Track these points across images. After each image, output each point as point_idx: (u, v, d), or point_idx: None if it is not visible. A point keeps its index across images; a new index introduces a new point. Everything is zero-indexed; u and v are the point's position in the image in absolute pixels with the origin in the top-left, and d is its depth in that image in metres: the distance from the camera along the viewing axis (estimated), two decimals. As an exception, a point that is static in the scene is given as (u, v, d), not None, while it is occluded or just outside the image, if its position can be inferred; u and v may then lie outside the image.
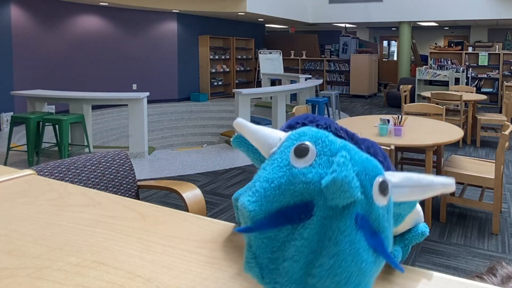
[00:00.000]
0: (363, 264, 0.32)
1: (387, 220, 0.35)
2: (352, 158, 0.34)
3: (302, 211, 0.32)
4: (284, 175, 0.34)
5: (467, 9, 10.01)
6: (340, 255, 0.31)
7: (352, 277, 0.31)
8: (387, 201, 0.35)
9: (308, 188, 0.32)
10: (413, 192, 0.38)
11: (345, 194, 0.31)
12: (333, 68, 12.46)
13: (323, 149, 0.35)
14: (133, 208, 0.63)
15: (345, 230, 0.31)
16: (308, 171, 0.33)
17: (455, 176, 3.14)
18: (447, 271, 2.56)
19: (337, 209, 0.32)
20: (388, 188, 0.35)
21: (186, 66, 10.19)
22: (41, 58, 7.62)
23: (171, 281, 0.44)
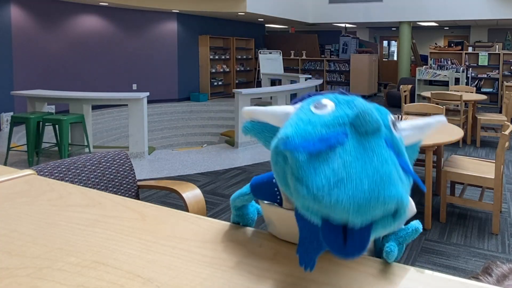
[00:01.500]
0: (398, 170, 0.38)
1: (403, 147, 0.42)
2: (365, 102, 0.41)
3: (337, 139, 0.38)
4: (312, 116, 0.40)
5: (467, 9, 10.01)
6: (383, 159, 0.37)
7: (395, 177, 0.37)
8: (399, 133, 0.42)
9: (338, 122, 0.39)
10: (416, 132, 0.46)
11: (371, 121, 0.38)
12: (333, 68, 12.45)
13: (339, 101, 0.42)
14: (133, 208, 0.63)
15: (381, 145, 0.38)
16: (334, 112, 0.40)
17: (455, 176, 3.15)
18: (447, 271, 2.56)
19: (368, 135, 0.38)
20: (397, 124, 0.43)
21: (186, 66, 10.19)
22: (41, 58, 7.62)
23: (171, 281, 0.44)
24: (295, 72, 11.93)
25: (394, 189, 0.36)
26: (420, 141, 0.48)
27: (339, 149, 0.37)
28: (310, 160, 0.37)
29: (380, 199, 0.36)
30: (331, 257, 0.49)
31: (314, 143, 0.37)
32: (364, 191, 0.36)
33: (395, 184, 0.37)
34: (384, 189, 0.36)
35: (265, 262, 0.48)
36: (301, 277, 0.45)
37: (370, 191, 0.36)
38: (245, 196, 0.58)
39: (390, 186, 0.36)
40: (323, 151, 0.37)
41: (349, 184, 0.36)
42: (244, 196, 0.58)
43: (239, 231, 0.56)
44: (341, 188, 0.35)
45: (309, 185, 0.36)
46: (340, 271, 0.46)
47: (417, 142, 0.48)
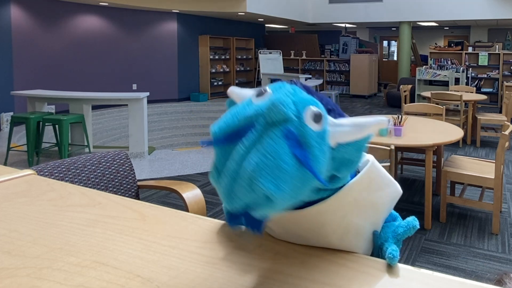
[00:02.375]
0: (280, 161, 0.39)
1: (316, 142, 0.42)
2: (295, 93, 0.44)
3: (250, 129, 0.41)
4: (243, 107, 0.44)
5: (467, 9, 10.01)
6: (261, 150, 0.39)
7: (269, 167, 0.39)
8: (320, 128, 0.43)
9: (256, 112, 0.42)
10: (354, 130, 0.46)
11: (278, 111, 0.41)
12: (333, 68, 12.45)
13: (276, 89, 0.45)
14: (133, 208, 0.63)
15: (273, 137, 0.40)
16: (260, 102, 0.43)
17: (455, 176, 3.15)
18: (447, 271, 2.56)
19: (273, 125, 0.41)
20: (320, 116, 0.43)
21: (186, 66, 10.19)
22: (41, 58, 7.62)
23: (171, 281, 0.44)
24: (295, 72, 11.93)
25: (263, 180, 0.38)
26: (364, 139, 0.47)
27: (241, 142, 0.41)
28: (221, 151, 0.42)
29: (247, 187, 0.39)
30: (331, 257, 0.49)
31: (226, 139, 0.42)
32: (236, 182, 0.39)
33: (265, 177, 0.38)
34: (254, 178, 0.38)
35: (265, 262, 0.48)
36: (301, 277, 0.45)
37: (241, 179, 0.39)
38: None
39: (261, 178, 0.38)
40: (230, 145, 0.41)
41: (226, 174, 0.40)
42: None
43: (239, 231, 0.56)
44: (220, 177, 0.41)
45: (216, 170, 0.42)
46: (340, 271, 0.46)
47: (360, 140, 0.47)
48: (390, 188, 0.58)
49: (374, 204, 0.55)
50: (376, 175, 0.56)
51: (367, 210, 0.54)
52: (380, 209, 0.56)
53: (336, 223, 0.50)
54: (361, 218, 0.53)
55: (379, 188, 0.56)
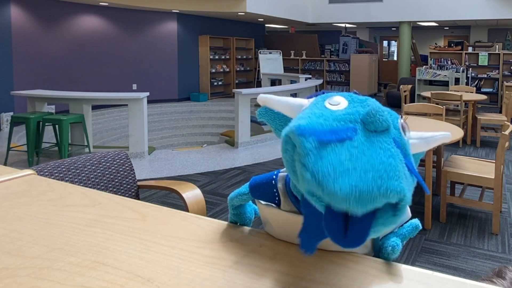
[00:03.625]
0: (404, 167, 0.39)
1: (410, 152, 0.43)
2: (380, 104, 0.43)
3: (347, 133, 0.39)
4: (325, 111, 0.42)
5: (467, 9, 10.01)
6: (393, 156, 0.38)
7: (400, 171, 0.38)
8: (408, 138, 0.44)
9: (349, 118, 0.40)
10: (422, 143, 0.47)
11: (381, 120, 0.39)
12: (333, 68, 12.45)
13: (352, 99, 0.44)
14: (133, 208, 0.63)
15: (390, 143, 0.39)
16: (346, 109, 0.42)
17: (455, 176, 3.15)
18: (447, 271, 2.56)
19: (376, 133, 0.39)
20: (406, 128, 0.44)
21: (186, 66, 10.19)
22: (41, 58, 7.62)
23: (171, 281, 0.44)
24: (295, 72, 11.93)
25: (397, 182, 0.37)
26: (424, 152, 0.49)
27: (348, 143, 0.38)
28: (319, 148, 0.38)
29: (382, 189, 0.36)
30: (331, 257, 0.49)
31: (325, 133, 0.39)
32: (368, 182, 0.36)
33: (399, 177, 0.37)
34: (387, 180, 0.37)
35: (265, 262, 0.48)
36: (301, 277, 0.45)
37: (373, 181, 0.37)
38: (243, 195, 0.58)
39: (394, 178, 0.37)
40: (332, 142, 0.38)
41: (353, 174, 0.37)
42: (243, 196, 0.58)
43: (239, 231, 0.56)
44: (345, 178, 0.37)
45: (315, 172, 0.37)
46: (340, 271, 0.46)
47: (421, 153, 0.49)
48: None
49: None
50: None
51: None
52: None
53: None
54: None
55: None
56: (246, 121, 6.01)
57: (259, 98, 0.50)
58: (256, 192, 0.57)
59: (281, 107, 0.48)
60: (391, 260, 0.50)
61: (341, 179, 0.36)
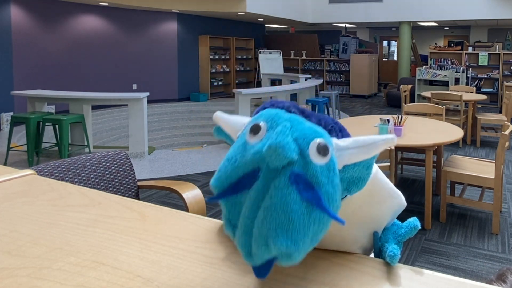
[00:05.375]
0: (292, 213, 0.37)
1: (327, 177, 0.39)
2: (293, 126, 0.40)
3: (253, 177, 0.39)
4: (240, 151, 0.41)
5: (467, 9, 10.01)
6: (271, 207, 0.37)
7: (282, 224, 0.37)
8: (328, 160, 0.40)
9: (256, 158, 0.39)
10: (361, 151, 0.43)
11: (280, 156, 0.37)
12: (333, 68, 12.45)
13: (271, 124, 0.41)
14: (133, 208, 0.63)
15: (279, 186, 0.37)
16: (257, 144, 0.40)
17: (455, 176, 3.15)
18: (447, 271, 2.56)
19: (277, 171, 0.38)
20: (327, 148, 0.40)
21: (186, 66, 10.19)
22: (41, 58, 7.62)
23: (171, 281, 0.44)
24: (295, 72, 11.93)
25: (279, 240, 0.37)
26: (372, 158, 0.44)
27: (246, 193, 0.39)
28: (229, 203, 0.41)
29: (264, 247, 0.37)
30: (331, 257, 0.49)
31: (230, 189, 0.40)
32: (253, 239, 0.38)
33: (281, 235, 0.37)
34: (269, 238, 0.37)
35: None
36: (301, 277, 0.45)
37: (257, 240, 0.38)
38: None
39: (276, 238, 0.37)
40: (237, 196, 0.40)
41: (241, 232, 0.39)
42: None
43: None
44: (236, 233, 0.40)
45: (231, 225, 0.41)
46: (340, 271, 0.46)
47: (368, 160, 0.44)
48: (393, 201, 0.56)
49: (374, 217, 0.54)
50: (379, 187, 0.53)
51: (367, 222, 0.53)
52: (380, 221, 0.55)
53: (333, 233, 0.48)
54: (359, 230, 0.52)
55: (381, 201, 0.54)
56: (246, 121, 6.01)
57: (214, 116, 0.49)
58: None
59: (226, 127, 0.48)
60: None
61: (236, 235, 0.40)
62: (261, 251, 0.37)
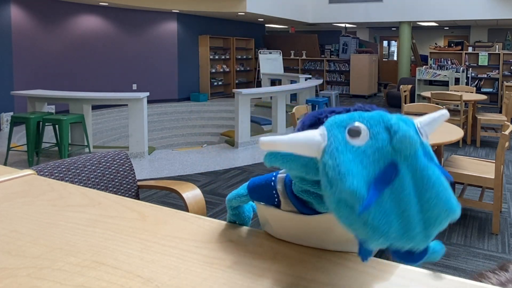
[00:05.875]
0: (445, 182, 0.40)
1: (431, 151, 0.43)
2: (397, 117, 0.42)
3: (391, 172, 0.39)
4: (357, 154, 0.40)
5: (467, 9, 10.01)
6: (435, 184, 0.39)
7: (448, 193, 0.39)
8: (426, 137, 0.43)
9: (383, 153, 0.39)
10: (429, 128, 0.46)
11: (413, 143, 0.39)
12: (333, 68, 12.45)
13: (369, 123, 0.41)
14: (133, 208, 0.63)
15: (426, 166, 0.39)
16: (373, 142, 0.40)
17: (455, 176, 3.15)
18: (447, 271, 2.56)
19: (412, 156, 0.39)
20: (421, 128, 0.43)
21: (186, 66, 10.19)
22: (41, 58, 7.62)
23: (171, 281, 0.44)
24: (295, 72, 11.93)
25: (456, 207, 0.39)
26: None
27: (394, 186, 0.39)
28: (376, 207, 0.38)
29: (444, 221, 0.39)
30: (331, 257, 0.49)
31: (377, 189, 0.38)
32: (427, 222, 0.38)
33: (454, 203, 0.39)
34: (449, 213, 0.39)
35: (265, 262, 0.48)
36: (301, 277, 0.45)
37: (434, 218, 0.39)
38: (241, 197, 0.58)
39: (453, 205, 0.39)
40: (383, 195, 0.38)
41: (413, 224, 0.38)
42: (241, 197, 0.58)
43: (239, 231, 0.56)
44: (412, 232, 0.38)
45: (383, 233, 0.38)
46: (340, 271, 0.46)
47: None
48: None
49: None
50: None
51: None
52: None
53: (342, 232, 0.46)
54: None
55: None
56: (246, 121, 6.01)
57: (262, 143, 0.42)
58: (255, 194, 0.56)
59: (293, 148, 0.43)
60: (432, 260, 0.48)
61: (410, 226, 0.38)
62: (438, 227, 0.39)
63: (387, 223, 0.38)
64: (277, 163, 0.46)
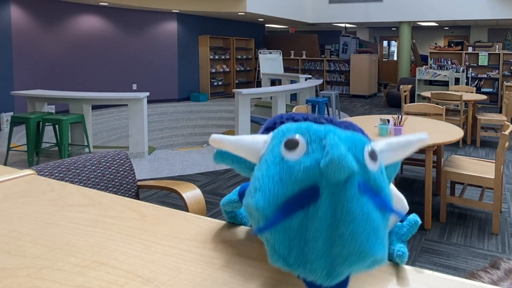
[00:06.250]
0: (375, 222, 0.36)
1: (383, 181, 0.39)
2: (339, 137, 0.38)
3: (309, 195, 0.35)
4: (282, 169, 0.37)
5: (467, 9, 10.01)
6: (355, 220, 0.35)
7: (370, 235, 0.35)
8: (378, 165, 0.39)
9: (309, 174, 0.36)
10: (396, 153, 0.43)
11: (344, 169, 0.35)
12: (333, 68, 12.45)
13: (311, 137, 0.38)
14: (133, 208, 0.63)
15: (353, 198, 0.35)
16: (304, 159, 0.37)
17: (455, 176, 3.15)
18: (447, 271, 2.56)
19: (340, 184, 0.35)
20: (376, 154, 0.39)
21: (186, 66, 10.19)
22: (41, 58, 7.62)
23: (171, 281, 0.44)
24: (295, 72, 11.93)
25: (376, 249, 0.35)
26: (400, 160, 0.45)
27: (308, 212, 0.36)
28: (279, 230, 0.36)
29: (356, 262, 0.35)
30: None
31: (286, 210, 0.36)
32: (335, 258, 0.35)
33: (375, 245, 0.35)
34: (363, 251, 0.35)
35: (265, 262, 0.48)
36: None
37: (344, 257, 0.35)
38: (233, 203, 0.59)
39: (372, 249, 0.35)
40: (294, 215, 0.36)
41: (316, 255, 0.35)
42: (233, 203, 0.59)
43: (239, 231, 0.56)
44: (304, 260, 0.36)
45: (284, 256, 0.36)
46: (340, 271, 0.46)
47: (398, 162, 0.46)
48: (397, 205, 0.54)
49: None
50: None
51: None
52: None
53: None
54: None
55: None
56: (246, 121, 6.01)
57: (211, 139, 0.43)
58: None
59: (237, 150, 0.43)
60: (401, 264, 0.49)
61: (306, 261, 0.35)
62: (348, 267, 0.35)
63: (287, 248, 0.36)
64: (225, 162, 0.46)
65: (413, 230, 0.53)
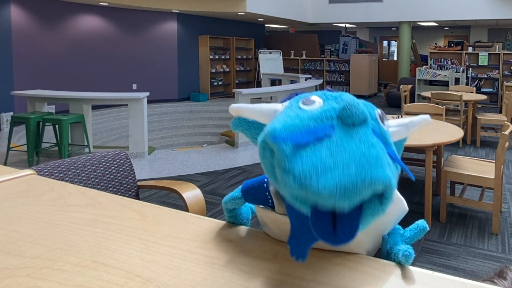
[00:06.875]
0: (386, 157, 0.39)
1: (391, 139, 0.43)
2: (354, 98, 0.42)
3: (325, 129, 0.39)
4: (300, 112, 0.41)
5: (467, 9, 10.01)
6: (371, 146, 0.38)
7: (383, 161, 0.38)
8: (387, 127, 0.44)
9: (325, 115, 0.40)
10: (401, 129, 0.48)
11: (358, 113, 0.39)
12: (333, 68, 12.45)
13: (326, 96, 0.43)
14: (133, 208, 0.63)
15: (369, 134, 0.39)
16: (323, 107, 0.41)
17: (455, 176, 3.15)
18: (447, 271, 2.56)
19: (354, 126, 0.39)
20: (385, 116, 0.44)
21: (186, 66, 10.18)
22: (41, 58, 7.62)
23: (171, 281, 0.44)
24: (295, 72, 11.93)
25: (381, 170, 0.37)
26: (406, 138, 0.50)
27: (326, 141, 0.38)
28: (297, 151, 0.38)
29: (366, 180, 0.37)
30: (331, 257, 0.49)
31: (302, 135, 0.38)
32: (351, 175, 0.36)
33: (383, 166, 0.38)
34: (371, 170, 0.37)
35: (264, 261, 0.48)
36: (301, 277, 0.45)
37: (357, 174, 0.36)
38: (236, 200, 0.59)
39: (378, 168, 0.37)
40: (311, 142, 0.38)
41: (336, 171, 0.36)
42: (236, 200, 0.59)
43: (239, 231, 0.56)
44: (327, 175, 0.36)
45: (296, 174, 0.37)
46: (340, 271, 0.46)
47: (403, 139, 0.50)
48: (396, 206, 0.55)
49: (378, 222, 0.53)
50: None
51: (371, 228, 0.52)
52: (384, 227, 0.55)
53: None
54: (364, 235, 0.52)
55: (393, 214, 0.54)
56: (246, 121, 6.01)
57: (231, 108, 0.48)
58: (248, 196, 0.56)
59: (254, 115, 0.47)
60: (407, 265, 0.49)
61: (324, 177, 0.36)
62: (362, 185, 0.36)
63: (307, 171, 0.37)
64: (241, 127, 0.50)
65: (420, 235, 0.54)
